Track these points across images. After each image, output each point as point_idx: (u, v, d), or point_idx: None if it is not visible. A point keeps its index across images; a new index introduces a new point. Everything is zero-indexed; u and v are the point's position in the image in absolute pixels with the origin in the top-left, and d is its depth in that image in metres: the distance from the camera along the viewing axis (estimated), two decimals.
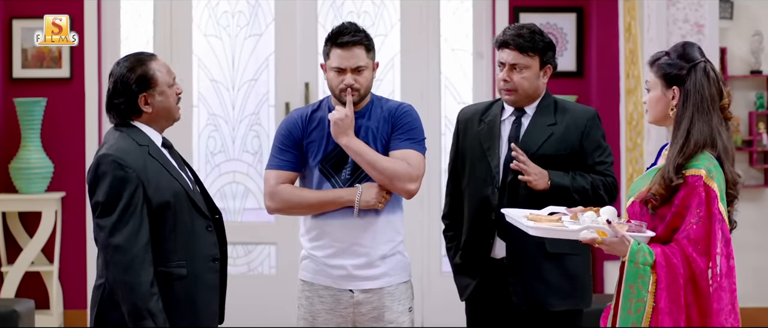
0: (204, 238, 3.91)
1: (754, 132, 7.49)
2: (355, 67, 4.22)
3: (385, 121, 4.28)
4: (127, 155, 3.79)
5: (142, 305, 3.73)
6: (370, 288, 4.29)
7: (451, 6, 7.68)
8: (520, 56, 4.31)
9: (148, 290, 3.74)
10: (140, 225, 3.76)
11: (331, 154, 4.29)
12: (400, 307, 4.31)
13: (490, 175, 4.35)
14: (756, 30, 7.49)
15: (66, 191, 7.31)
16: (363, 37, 4.25)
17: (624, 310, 3.47)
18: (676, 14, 6.39)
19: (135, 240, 3.74)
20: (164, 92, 3.90)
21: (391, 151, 4.26)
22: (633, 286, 3.45)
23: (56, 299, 7.20)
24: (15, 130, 7.22)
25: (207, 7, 7.62)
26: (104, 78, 7.34)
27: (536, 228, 3.64)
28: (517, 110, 4.40)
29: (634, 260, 3.44)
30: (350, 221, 4.27)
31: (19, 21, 7.26)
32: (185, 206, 3.86)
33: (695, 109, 3.52)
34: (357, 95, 4.24)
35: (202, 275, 3.89)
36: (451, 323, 7.17)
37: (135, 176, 3.77)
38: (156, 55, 3.97)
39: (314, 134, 4.32)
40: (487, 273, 4.39)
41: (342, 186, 4.27)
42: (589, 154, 4.34)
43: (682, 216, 3.47)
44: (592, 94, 7.43)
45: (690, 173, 3.47)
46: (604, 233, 3.48)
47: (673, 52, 3.60)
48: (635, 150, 6.99)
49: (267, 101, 7.61)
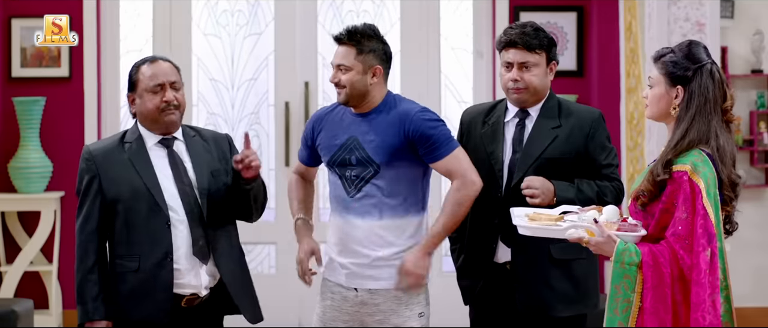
0: (158, 234, 4.02)
1: (754, 131, 7.48)
2: (338, 65, 4.29)
3: (390, 126, 4.27)
4: (98, 148, 4.12)
5: (78, 290, 4.04)
6: (374, 289, 4.28)
7: (451, 5, 7.66)
8: (528, 54, 4.29)
9: (85, 276, 4.03)
10: (89, 215, 4.05)
11: (335, 155, 4.32)
12: (408, 312, 4.29)
13: (493, 178, 4.32)
14: (757, 29, 7.48)
15: (65, 191, 7.29)
16: (349, 37, 4.29)
17: (610, 310, 3.47)
18: (677, 13, 6.37)
19: (84, 227, 4.06)
20: (142, 96, 4.09)
21: (432, 164, 4.28)
22: (619, 286, 3.45)
23: (55, 299, 7.18)
24: (14, 130, 7.21)
25: (206, 6, 7.60)
26: (103, 77, 7.35)
27: (525, 227, 3.66)
28: (521, 112, 4.37)
29: (620, 260, 3.44)
30: (345, 222, 4.30)
31: (18, 20, 7.24)
32: (143, 203, 4.03)
33: (697, 111, 3.52)
34: (343, 93, 4.27)
35: (153, 270, 4.02)
36: (451, 323, 7.16)
37: (93, 167, 4.07)
38: (160, 59, 4.15)
39: (321, 136, 4.41)
40: (490, 277, 4.37)
41: (350, 189, 4.28)
42: (595, 157, 4.31)
43: (670, 212, 3.47)
44: (592, 93, 7.41)
45: (676, 169, 3.47)
46: (592, 232, 3.47)
47: (679, 50, 3.58)
48: (636, 149, 6.98)
49: (266, 101, 7.59)
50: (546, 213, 3.78)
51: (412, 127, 4.23)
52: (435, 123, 4.26)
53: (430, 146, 4.23)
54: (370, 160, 4.25)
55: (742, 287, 7.06)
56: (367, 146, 4.26)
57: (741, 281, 6.99)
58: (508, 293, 4.33)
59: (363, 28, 4.30)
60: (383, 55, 4.31)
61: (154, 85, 4.06)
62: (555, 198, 4.17)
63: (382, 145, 4.24)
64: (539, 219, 3.71)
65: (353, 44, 4.27)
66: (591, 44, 7.46)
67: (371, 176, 4.25)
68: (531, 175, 4.25)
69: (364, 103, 4.30)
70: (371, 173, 4.25)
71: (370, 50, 4.28)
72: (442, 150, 4.24)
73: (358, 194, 4.27)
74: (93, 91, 7.31)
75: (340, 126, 4.35)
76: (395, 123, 4.25)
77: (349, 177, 4.28)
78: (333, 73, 4.32)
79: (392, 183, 4.25)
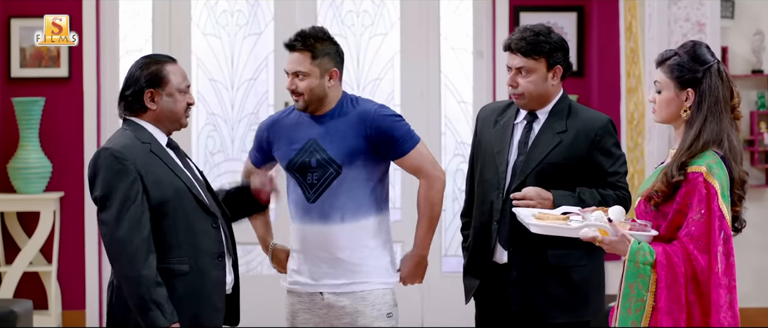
0: (209, 235, 3.91)
1: (755, 131, 7.48)
2: (295, 72, 4.29)
3: (351, 127, 4.26)
4: (127, 149, 3.82)
5: (147, 296, 3.74)
6: (340, 292, 4.28)
7: (451, 5, 7.65)
8: (524, 60, 4.26)
9: (153, 280, 3.75)
10: (140, 217, 3.77)
11: (295, 159, 4.32)
12: (375, 312, 4.28)
13: (497, 179, 4.31)
14: (757, 29, 7.48)
15: (64, 191, 7.28)
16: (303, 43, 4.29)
17: (623, 309, 3.47)
18: (678, 13, 6.36)
19: (135, 233, 3.76)
20: (173, 95, 3.96)
21: (397, 162, 4.31)
22: (633, 285, 3.45)
23: (54, 299, 7.17)
24: (13, 130, 7.19)
25: (206, 6, 7.59)
26: (103, 77, 7.34)
27: (538, 226, 3.65)
28: (530, 114, 4.34)
29: (634, 259, 3.44)
30: (306, 227, 4.29)
31: (18, 20, 7.23)
32: (188, 203, 3.87)
33: (709, 112, 3.52)
34: (302, 100, 4.28)
35: (207, 271, 3.89)
36: (452, 324, 7.16)
37: (133, 169, 3.79)
38: (175, 60, 4.05)
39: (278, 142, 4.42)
40: (489, 277, 4.35)
41: (309, 193, 4.28)
42: (600, 164, 4.25)
43: (684, 213, 3.47)
44: (592, 93, 7.41)
45: (691, 170, 3.47)
46: (605, 231, 3.47)
47: (684, 53, 3.58)
48: (636, 150, 6.97)
49: (266, 101, 7.58)
50: (552, 213, 3.78)
51: (374, 125, 4.23)
52: (395, 119, 4.28)
53: (393, 143, 4.25)
54: (331, 161, 4.24)
55: (742, 288, 6.98)
56: (328, 148, 4.25)
57: (741, 282, 6.89)
58: (505, 294, 4.31)
59: (314, 31, 4.27)
60: (337, 56, 4.29)
61: (186, 85, 4.00)
62: (553, 208, 4.13)
63: (342, 146, 4.23)
64: (546, 219, 3.70)
65: (307, 49, 4.25)
66: (591, 44, 7.45)
67: (332, 178, 4.24)
68: (533, 178, 4.23)
69: (321, 106, 4.29)
70: (333, 175, 4.24)
71: (324, 54, 4.26)
72: (406, 145, 4.27)
73: (318, 198, 4.26)
74: (92, 92, 7.30)
75: (296, 130, 4.33)
76: (355, 123, 4.25)
77: (310, 181, 4.27)
78: (289, 80, 4.30)
79: (353, 184, 4.24)
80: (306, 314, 4.35)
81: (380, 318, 4.29)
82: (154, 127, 3.95)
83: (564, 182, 4.24)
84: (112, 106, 7.37)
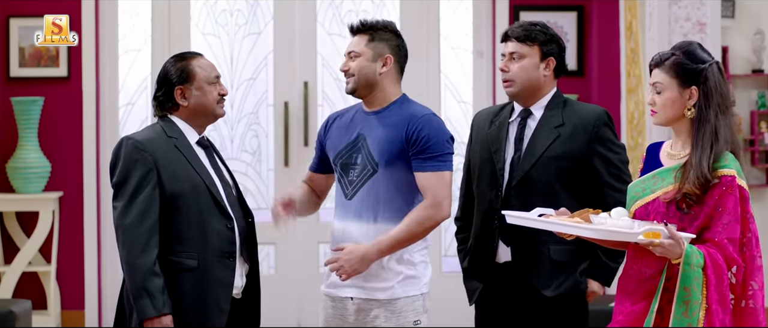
0: (220, 234, 3.93)
1: (755, 131, 7.48)
2: (349, 52, 4.23)
3: (395, 127, 4.18)
4: (148, 141, 3.90)
5: (141, 284, 3.80)
6: (367, 298, 4.19)
7: (451, 5, 7.65)
8: (517, 45, 4.28)
9: (150, 269, 3.80)
10: (148, 207, 3.84)
11: (342, 153, 4.26)
12: (402, 320, 4.19)
13: (494, 178, 4.30)
14: (758, 29, 7.48)
15: (63, 191, 7.27)
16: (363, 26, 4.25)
17: (678, 312, 3.45)
18: (678, 13, 6.36)
19: (141, 221, 3.83)
20: (202, 88, 4.01)
21: (415, 173, 4.14)
22: (689, 288, 3.43)
23: (54, 299, 7.16)
24: (12, 130, 7.19)
25: (205, 6, 7.58)
26: (102, 77, 7.33)
27: (583, 228, 3.50)
28: (524, 111, 4.35)
29: (690, 262, 3.42)
30: (342, 224, 4.24)
31: (17, 20, 7.22)
32: (204, 201, 3.91)
33: (717, 109, 3.52)
34: (352, 82, 4.21)
35: (214, 269, 3.91)
36: (452, 324, 7.15)
37: (151, 160, 3.87)
38: (202, 54, 4.08)
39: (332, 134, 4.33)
40: (492, 278, 4.34)
41: (348, 190, 4.22)
42: (598, 169, 4.25)
43: (713, 217, 3.47)
44: (592, 93, 7.41)
45: (723, 173, 3.48)
46: (659, 234, 3.43)
47: (682, 53, 3.57)
48: (637, 149, 6.96)
49: (266, 100, 7.57)
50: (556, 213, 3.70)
51: (416, 128, 4.13)
52: (441, 133, 4.15)
53: (421, 152, 4.12)
54: (371, 159, 4.18)
55: None
56: (372, 145, 4.18)
57: None
58: (509, 293, 4.31)
59: (379, 20, 4.25)
60: (396, 48, 4.23)
61: (214, 76, 4.02)
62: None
63: (384, 145, 4.16)
64: (565, 219, 3.60)
65: (366, 32, 4.22)
66: (591, 44, 7.45)
67: (369, 176, 4.18)
68: (532, 173, 4.24)
69: (373, 95, 4.22)
70: (369, 173, 4.18)
71: (382, 39, 4.21)
72: (432, 163, 4.12)
73: (355, 195, 4.20)
74: (91, 91, 7.29)
75: (351, 123, 4.27)
76: (400, 123, 4.16)
77: (350, 178, 4.21)
78: (343, 62, 4.25)
79: (389, 186, 4.16)
80: (338, 320, 4.25)
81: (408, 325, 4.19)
82: (186, 124, 4.02)
83: (563, 176, 4.24)
84: (111, 105, 7.37)
